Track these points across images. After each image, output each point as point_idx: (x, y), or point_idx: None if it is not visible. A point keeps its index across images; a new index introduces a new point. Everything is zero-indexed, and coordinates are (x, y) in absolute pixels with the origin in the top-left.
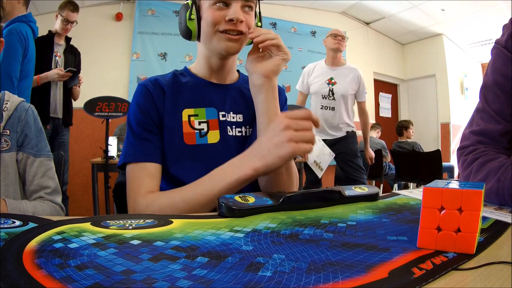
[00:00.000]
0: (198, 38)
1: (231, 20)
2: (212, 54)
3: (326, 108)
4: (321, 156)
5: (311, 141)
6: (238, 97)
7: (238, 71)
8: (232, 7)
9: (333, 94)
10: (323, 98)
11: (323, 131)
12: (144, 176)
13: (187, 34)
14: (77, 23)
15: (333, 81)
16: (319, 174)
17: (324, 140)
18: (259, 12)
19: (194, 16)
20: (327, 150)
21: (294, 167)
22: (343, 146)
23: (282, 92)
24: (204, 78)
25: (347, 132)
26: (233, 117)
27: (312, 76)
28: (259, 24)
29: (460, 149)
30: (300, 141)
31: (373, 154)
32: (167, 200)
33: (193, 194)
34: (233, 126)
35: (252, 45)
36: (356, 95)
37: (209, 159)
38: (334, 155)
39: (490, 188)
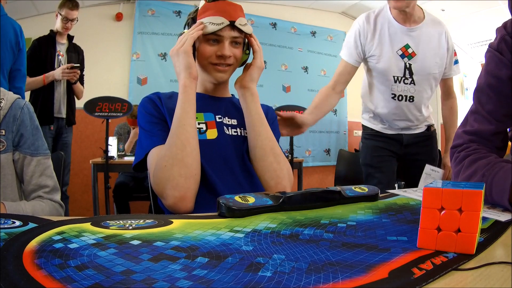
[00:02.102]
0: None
1: (221, 56)
2: (206, 79)
3: (401, 98)
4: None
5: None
6: (231, 107)
7: (232, 95)
8: (222, 44)
9: (411, 74)
10: (395, 81)
11: (390, 126)
12: (156, 157)
13: None
14: (77, 20)
15: (410, 51)
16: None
17: (398, 137)
18: (247, 43)
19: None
20: (439, 175)
21: (282, 156)
22: (422, 150)
23: (271, 111)
24: (201, 93)
25: (428, 127)
26: (228, 121)
27: (374, 41)
28: (247, 52)
29: (453, 148)
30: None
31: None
32: (165, 147)
33: (176, 125)
34: (229, 127)
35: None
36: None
37: (209, 152)
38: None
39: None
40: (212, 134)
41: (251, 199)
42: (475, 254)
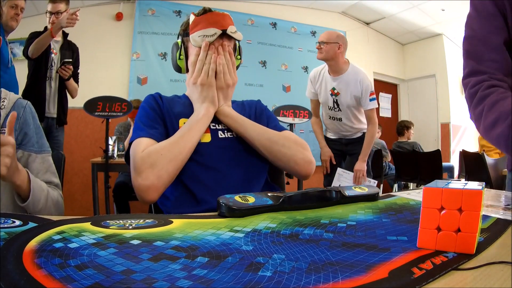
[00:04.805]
0: (187, 71)
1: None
2: None
3: (333, 118)
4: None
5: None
6: None
7: None
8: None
9: (338, 105)
10: (329, 109)
11: (337, 134)
12: (146, 143)
13: (178, 69)
14: (67, 13)
15: (335, 91)
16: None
17: (339, 140)
18: (239, 47)
19: (183, 57)
20: (349, 176)
21: (286, 139)
22: (356, 147)
23: (259, 104)
24: None
25: (363, 133)
26: (223, 126)
27: (317, 85)
28: (238, 56)
29: (466, 78)
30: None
31: (364, 168)
32: (159, 145)
33: (180, 134)
34: (224, 131)
35: None
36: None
37: (203, 155)
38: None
39: (501, 133)
40: (205, 138)
41: (251, 199)
42: (475, 254)
